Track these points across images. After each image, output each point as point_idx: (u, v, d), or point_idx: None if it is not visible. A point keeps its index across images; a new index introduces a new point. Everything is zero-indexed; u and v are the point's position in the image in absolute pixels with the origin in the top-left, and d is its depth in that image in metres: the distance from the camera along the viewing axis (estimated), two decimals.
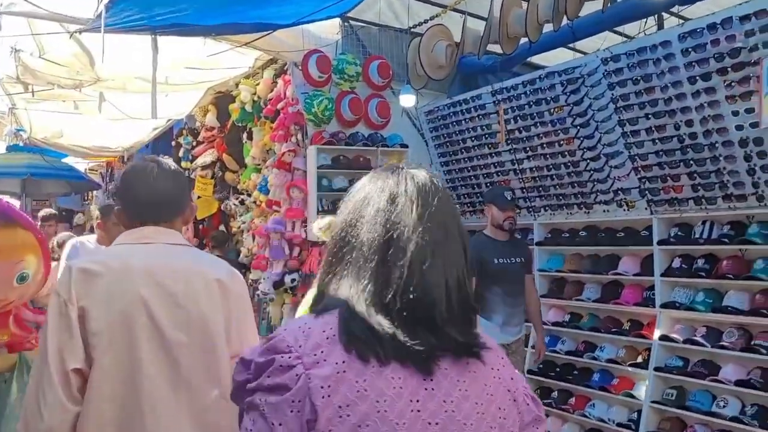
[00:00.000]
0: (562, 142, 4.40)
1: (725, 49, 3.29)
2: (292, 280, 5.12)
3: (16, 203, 7.76)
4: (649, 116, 3.78)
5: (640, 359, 4.09)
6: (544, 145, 4.53)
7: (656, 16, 4.41)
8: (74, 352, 1.63)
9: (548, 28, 4.69)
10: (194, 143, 7.48)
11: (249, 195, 6.23)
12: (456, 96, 5.27)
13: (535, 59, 5.66)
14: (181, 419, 1.70)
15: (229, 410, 1.60)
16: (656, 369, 3.92)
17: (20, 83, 5.64)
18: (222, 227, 7.03)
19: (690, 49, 3.44)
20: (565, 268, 4.69)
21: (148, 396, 1.67)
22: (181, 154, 7.71)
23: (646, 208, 4.09)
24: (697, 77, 3.46)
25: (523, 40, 4.92)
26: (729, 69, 3.31)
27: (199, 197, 6.94)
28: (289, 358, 0.95)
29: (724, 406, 3.55)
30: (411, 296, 0.98)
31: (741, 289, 3.65)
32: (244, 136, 6.36)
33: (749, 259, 3.65)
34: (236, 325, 1.82)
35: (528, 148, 4.66)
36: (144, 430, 1.66)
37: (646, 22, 4.32)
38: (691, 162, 3.67)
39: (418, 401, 0.95)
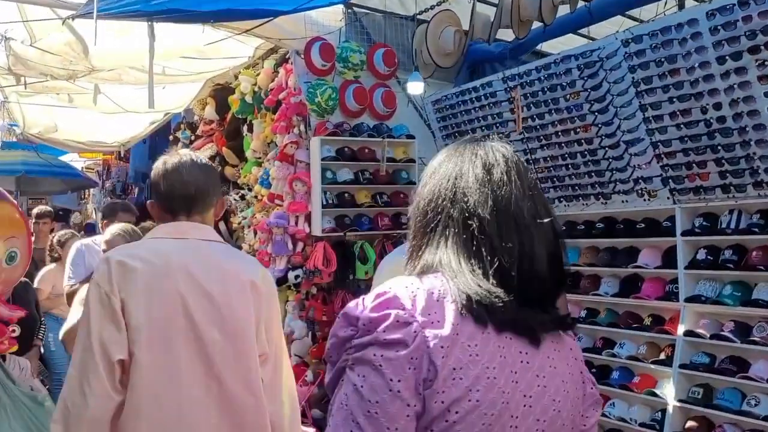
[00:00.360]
0: (578, 130, 4.20)
1: (758, 26, 3.09)
2: (296, 277, 4.93)
3: None
4: (674, 100, 3.58)
5: (663, 356, 3.90)
6: (559, 134, 4.33)
7: None
8: (119, 343, 1.67)
9: (563, 11, 4.52)
10: (193, 137, 7.27)
11: (250, 189, 6.04)
12: (464, 84, 5.07)
13: (545, 47, 5.48)
14: (211, 415, 1.75)
15: (256, 407, 1.81)
16: (681, 366, 3.73)
17: (12, 74, 5.43)
18: (222, 223, 6.83)
19: (719, 27, 3.24)
20: (581, 262, 4.50)
21: (184, 392, 1.72)
22: (179, 148, 7.47)
23: (668, 198, 3.89)
24: (727, 57, 3.26)
25: (536, 25, 4.76)
26: (762, 47, 3.11)
27: None
28: (405, 313, 0.94)
29: (755, 405, 3.36)
30: (523, 267, 0.99)
31: None
32: (245, 128, 6.16)
33: None
34: (265, 325, 1.87)
35: (542, 137, 4.47)
36: (179, 424, 1.71)
37: (666, 4, 4.12)
38: (719, 147, 3.48)
39: (515, 372, 0.96)
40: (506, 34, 5.36)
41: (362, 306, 0.98)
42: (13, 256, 2.62)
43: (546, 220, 1.05)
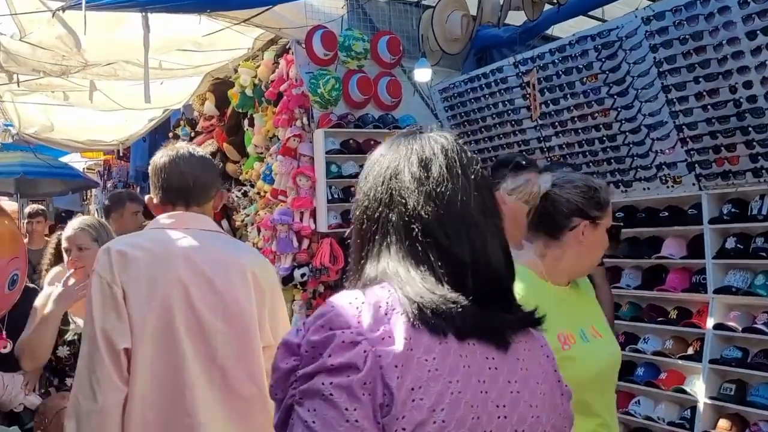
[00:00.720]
0: (596, 115, 3.99)
1: None
2: (302, 275, 4.74)
3: (11, 205, 7.39)
4: (700, 80, 3.37)
5: (691, 351, 3.69)
6: (576, 119, 4.12)
7: None
8: (123, 332, 1.67)
9: None
10: (192, 134, 7.07)
11: (252, 186, 5.85)
12: (473, 71, 4.86)
13: (556, 31, 5.26)
14: (216, 404, 1.75)
15: (259, 398, 1.80)
16: (711, 361, 3.53)
17: (4, 72, 5.24)
18: (225, 221, 6.65)
19: (749, 0, 3.03)
20: None
21: (189, 381, 1.71)
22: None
23: (693, 184, 3.68)
24: (758, 32, 3.05)
25: (547, 7, 4.55)
26: None
27: None
28: (351, 333, 0.85)
29: None
30: (479, 267, 0.92)
31: None
32: (245, 123, 5.97)
33: None
34: (269, 316, 1.87)
35: (557, 123, 4.26)
36: (185, 413, 1.70)
37: None
38: (750, 129, 3.27)
39: (483, 381, 0.88)
40: (515, 18, 5.16)
41: (303, 330, 0.89)
42: (15, 279, 2.44)
43: (497, 211, 0.98)
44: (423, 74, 4.66)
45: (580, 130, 4.13)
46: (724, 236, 3.61)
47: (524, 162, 2.13)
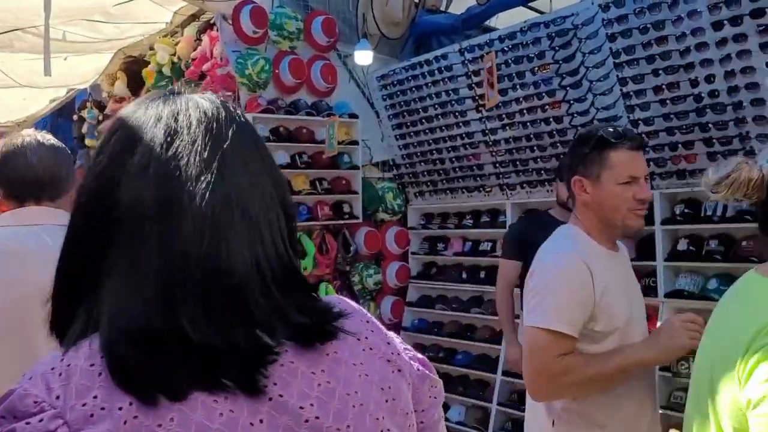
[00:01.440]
0: (546, 107, 3.78)
1: None
2: None
3: None
4: (659, 72, 3.21)
5: None
6: (524, 112, 3.90)
7: None
8: None
9: None
10: (101, 117, 6.52)
11: None
12: (414, 58, 4.56)
13: (496, 23, 5.05)
14: None
15: None
16: (662, 369, 3.37)
17: None
18: None
19: None
20: None
21: None
22: (84, 130, 6.72)
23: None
24: (725, 22, 2.90)
25: None
26: (767, 10, 2.76)
27: None
28: (40, 421, 0.61)
29: None
30: (209, 282, 0.66)
31: None
32: None
33: None
34: None
35: (504, 116, 4.03)
36: None
37: None
38: (709, 126, 3.13)
39: (261, 421, 0.65)
40: (456, 6, 4.92)
41: None
42: None
43: (262, 201, 0.73)
44: (363, 57, 4.32)
45: (528, 123, 3.91)
46: (676, 238, 3.48)
47: (613, 136, 1.70)
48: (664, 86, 3.22)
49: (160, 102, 0.75)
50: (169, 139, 0.71)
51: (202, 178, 0.69)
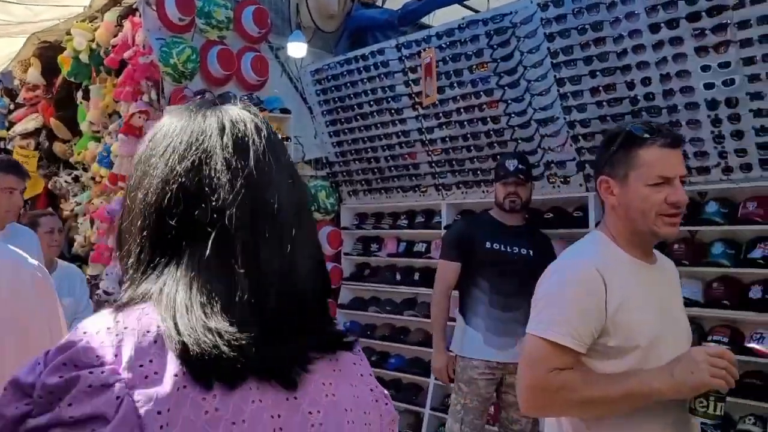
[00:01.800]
0: (483, 106, 3.71)
1: None
2: None
3: None
4: (596, 73, 3.19)
5: None
6: (461, 111, 3.83)
7: None
8: None
9: None
10: (12, 106, 6.12)
11: (86, 169, 5.04)
12: (349, 53, 4.42)
13: (432, 21, 4.98)
14: None
15: None
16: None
17: None
18: (50, 210, 5.71)
19: None
20: None
21: None
22: None
23: (581, 185, 3.52)
24: (662, 24, 2.90)
25: None
26: (703, 14, 2.77)
27: None
28: (102, 373, 0.66)
29: None
30: (285, 282, 0.75)
31: (692, 276, 3.17)
32: (79, 95, 5.11)
33: (703, 243, 3.19)
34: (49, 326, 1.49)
35: (440, 114, 3.94)
36: None
37: None
38: None
39: (279, 416, 0.72)
40: (394, 2, 4.81)
41: (42, 366, 0.68)
42: None
43: (307, 214, 0.83)
44: (297, 49, 4.15)
45: (465, 123, 3.84)
46: None
47: (642, 132, 1.52)
48: (600, 88, 3.21)
49: (209, 111, 0.79)
50: (238, 146, 0.76)
51: (284, 187, 0.76)
